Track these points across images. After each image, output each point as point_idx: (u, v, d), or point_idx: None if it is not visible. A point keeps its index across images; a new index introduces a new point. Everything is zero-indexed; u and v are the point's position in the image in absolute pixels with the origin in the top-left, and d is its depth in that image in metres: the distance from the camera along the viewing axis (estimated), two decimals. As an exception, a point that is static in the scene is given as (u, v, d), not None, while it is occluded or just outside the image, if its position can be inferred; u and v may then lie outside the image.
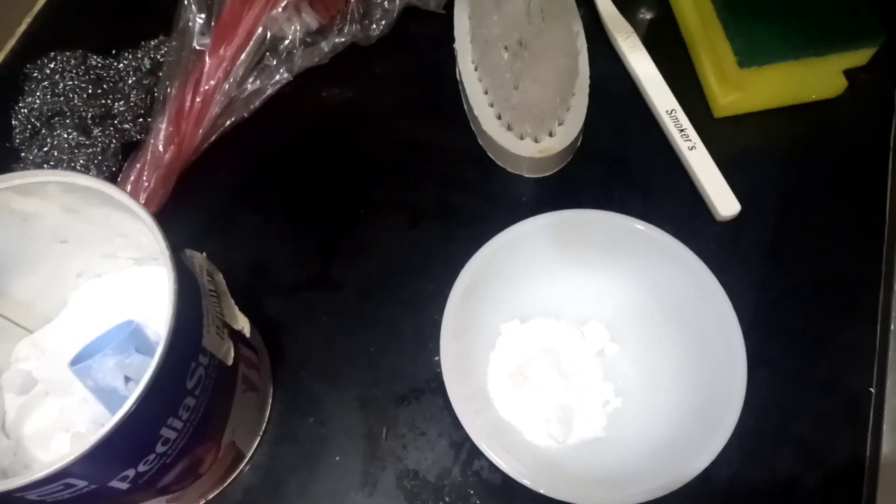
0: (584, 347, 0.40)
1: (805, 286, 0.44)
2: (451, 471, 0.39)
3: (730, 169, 0.46)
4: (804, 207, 0.46)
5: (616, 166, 0.48)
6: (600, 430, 0.39)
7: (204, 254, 0.35)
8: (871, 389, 0.41)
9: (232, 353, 0.34)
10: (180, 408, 0.31)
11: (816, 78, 0.47)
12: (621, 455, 0.38)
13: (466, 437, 0.37)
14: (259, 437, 0.41)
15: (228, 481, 0.39)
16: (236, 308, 0.36)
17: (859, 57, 0.45)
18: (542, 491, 0.34)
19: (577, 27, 0.48)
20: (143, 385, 0.27)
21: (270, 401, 0.42)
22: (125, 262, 0.40)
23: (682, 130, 0.46)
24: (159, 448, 0.31)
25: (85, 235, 0.37)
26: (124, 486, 0.30)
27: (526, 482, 0.34)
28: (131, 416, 0.27)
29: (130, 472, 0.30)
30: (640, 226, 0.39)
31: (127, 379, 0.35)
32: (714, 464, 0.34)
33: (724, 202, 0.44)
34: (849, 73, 0.47)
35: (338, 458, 0.40)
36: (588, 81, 0.47)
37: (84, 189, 0.32)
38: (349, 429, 0.41)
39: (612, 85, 0.50)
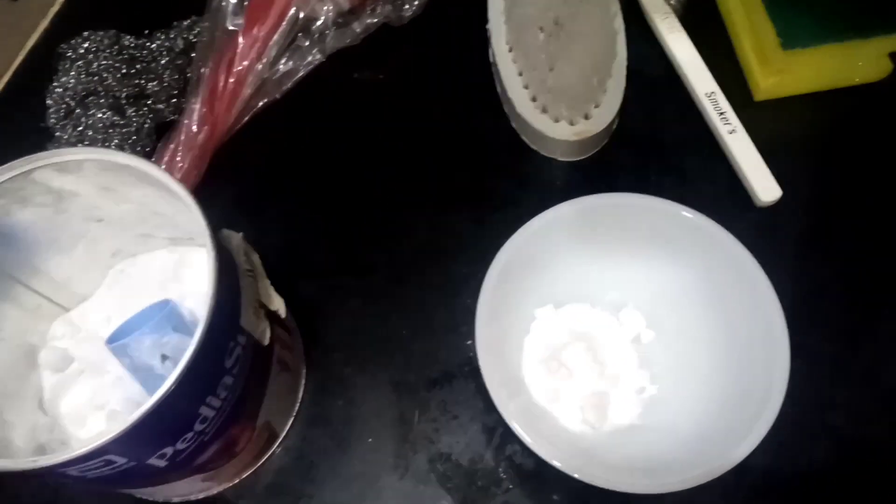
0: (619, 334, 0.40)
1: (844, 276, 0.43)
2: (483, 455, 0.39)
3: (770, 153, 0.45)
4: (845, 194, 0.45)
5: (652, 150, 0.47)
6: (636, 417, 0.38)
7: (241, 234, 0.35)
8: (915, 381, 0.40)
9: (268, 334, 0.34)
10: (219, 386, 0.31)
11: (860, 61, 0.45)
12: (656, 443, 0.37)
13: (499, 422, 0.37)
14: (292, 418, 0.41)
15: (262, 461, 0.40)
16: (272, 289, 0.36)
17: (906, 39, 0.44)
18: (575, 475, 0.33)
19: (615, 7, 0.47)
20: (183, 362, 0.27)
21: (303, 382, 0.42)
22: (161, 242, 0.40)
23: (721, 114, 0.45)
24: (197, 426, 0.31)
25: (121, 215, 0.37)
26: (162, 463, 0.30)
27: (557, 464, 0.34)
28: (172, 394, 0.27)
29: (169, 450, 0.30)
30: (682, 211, 0.38)
31: (164, 357, 0.35)
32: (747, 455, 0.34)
33: (765, 187, 0.43)
34: (894, 57, 0.46)
35: (370, 440, 0.40)
36: (625, 63, 0.46)
37: (122, 167, 0.32)
38: (381, 411, 0.41)
39: (649, 67, 0.49)
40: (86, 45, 0.48)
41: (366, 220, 0.46)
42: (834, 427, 0.40)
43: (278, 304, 0.36)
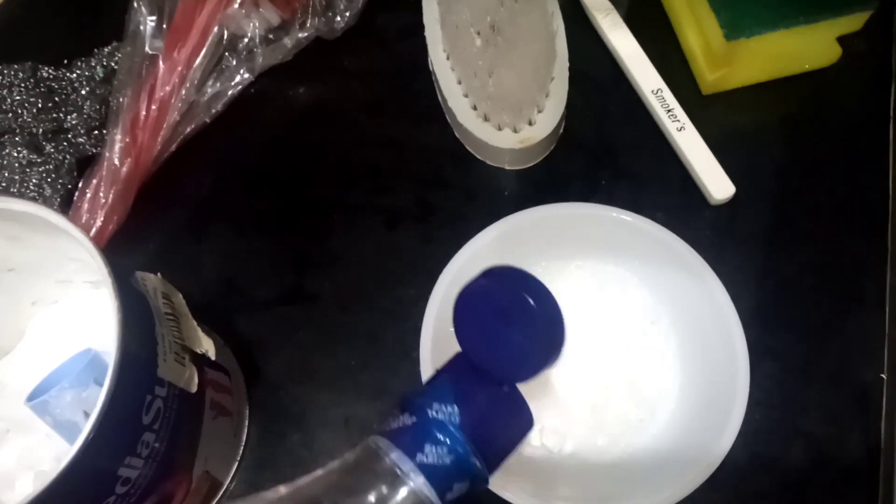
0: (576, 349, 0.38)
1: (807, 270, 0.41)
2: (441, 488, 0.37)
3: (722, 149, 0.43)
4: (802, 186, 0.43)
5: (602, 153, 0.45)
6: (597, 436, 0.36)
7: (158, 274, 0.32)
8: (883, 376, 0.39)
9: (196, 380, 0.32)
10: (138, 444, 0.28)
11: (809, 47, 0.44)
12: (621, 462, 0.35)
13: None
14: (236, 464, 0.38)
15: (206, 513, 0.37)
16: (199, 330, 0.33)
17: (853, 22, 0.43)
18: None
19: (553, 7, 0.45)
20: (87, 429, 0.25)
21: (247, 424, 0.39)
22: (82, 287, 0.38)
23: (669, 111, 0.44)
24: (119, 489, 0.28)
25: (33, 262, 0.35)
26: (84, 533, 0.28)
27: (512, 499, 0.32)
28: (78, 463, 0.25)
29: (89, 518, 0.28)
30: (626, 217, 0.37)
31: (86, 414, 0.33)
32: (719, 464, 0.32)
33: (718, 184, 0.42)
34: (843, 40, 0.44)
35: (321, 482, 0.38)
36: (567, 64, 0.44)
37: (21, 214, 0.30)
38: (333, 450, 0.39)
39: (593, 67, 0.47)
40: (-1, 79, 0.45)
41: (307, 244, 0.44)
42: (806, 431, 0.38)
43: (207, 346, 0.33)
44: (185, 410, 0.31)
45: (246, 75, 0.46)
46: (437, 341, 0.35)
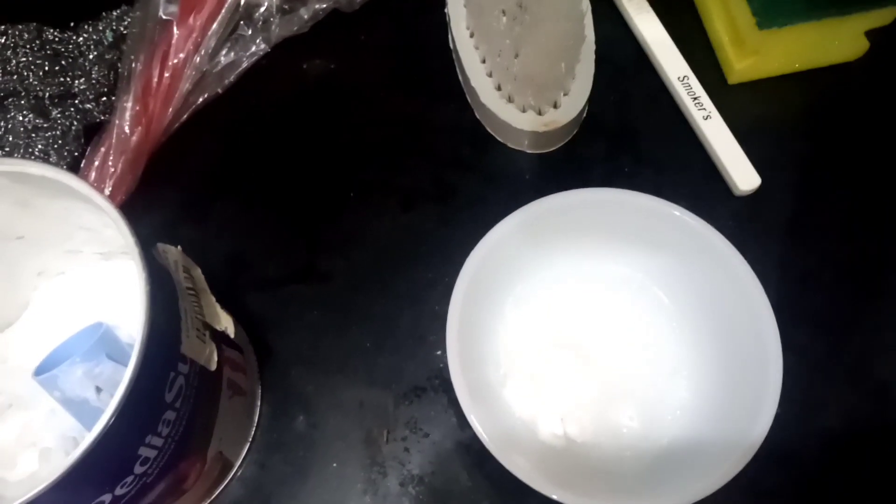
0: (601, 338, 0.37)
1: (829, 264, 0.41)
2: (459, 475, 0.36)
3: (747, 139, 0.42)
4: (827, 179, 0.43)
5: (625, 139, 0.44)
6: (621, 426, 0.36)
7: (179, 248, 0.31)
8: (903, 375, 0.38)
9: (215, 357, 0.31)
10: (160, 423, 0.27)
11: (837, 39, 0.43)
12: (644, 454, 0.35)
13: (474, 438, 0.34)
14: (248, 445, 0.37)
15: (216, 494, 0.36)
16: (218, 306, 0.32)
17: (884, 16, 0.42)
18: (554, 497, 0.31)
19: (581, -12, 0.44)
20: (113, 406, 0.24)
21: (259, 405, 0.38)
22: (91, 258, 0.36)
23: (695, 98, 0.43)
24: (138, 469, 0.27)
25: (43, 230, 0.33)
26: (100, 513, 0.27)
27: (541, 488, 0.31)
28: (101, 442, 0.23)
29: (106, 498, 0.27)
30: (663, 206, 0.36)
31: (98, 389, 0.31)
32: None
33: (743, 175, 0.41)
34: (870, 34, 0.44)
35: (334, 465, 0.37)
36: (594, 47, 0.43)
37: (38, 179, 0.28)
38: (346, 432, 0.38)
39: (618, 51, 0.46)
40: (3, 40, 0.43)
41: (321, 223, 0.43)
42: (826, 427, 0.38)
43: (226, 323, 0.32)
44: (204, 389, 0.30)
45: (261, 46, 0.45)
46: (463, 325, 0.34)
